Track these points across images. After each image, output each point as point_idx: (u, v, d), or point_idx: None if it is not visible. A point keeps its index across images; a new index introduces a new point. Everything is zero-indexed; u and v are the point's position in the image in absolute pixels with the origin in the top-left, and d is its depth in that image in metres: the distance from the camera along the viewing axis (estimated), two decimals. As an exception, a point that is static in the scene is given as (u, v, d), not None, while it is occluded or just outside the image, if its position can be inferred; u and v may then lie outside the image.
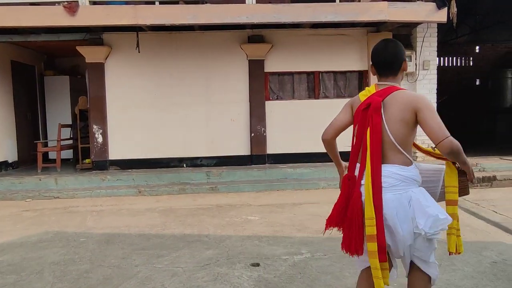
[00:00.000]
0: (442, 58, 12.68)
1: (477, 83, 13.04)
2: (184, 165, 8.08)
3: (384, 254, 2.13)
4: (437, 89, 8.20)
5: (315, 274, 3.47)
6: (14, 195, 6.87)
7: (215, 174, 7.45)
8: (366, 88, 2.38)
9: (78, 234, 4.80)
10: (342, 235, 2.25)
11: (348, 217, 2.18)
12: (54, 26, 6.99)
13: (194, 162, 8.12)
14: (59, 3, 6.77)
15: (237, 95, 8.13)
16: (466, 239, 4.28)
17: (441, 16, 7.06)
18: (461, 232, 4.22)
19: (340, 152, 2.47)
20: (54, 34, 7.76)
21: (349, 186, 2.23)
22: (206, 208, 5.91)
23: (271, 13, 6.87)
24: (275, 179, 7.43)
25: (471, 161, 8.44)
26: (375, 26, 8.02)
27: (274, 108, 8.18)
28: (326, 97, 8.30)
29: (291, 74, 8.24)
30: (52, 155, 9.17)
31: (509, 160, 7.83)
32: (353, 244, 2.16)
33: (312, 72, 8.24)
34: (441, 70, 10.57)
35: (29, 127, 9.37)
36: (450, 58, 12.95)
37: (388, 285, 2.19)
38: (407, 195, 2.12)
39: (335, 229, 2.30)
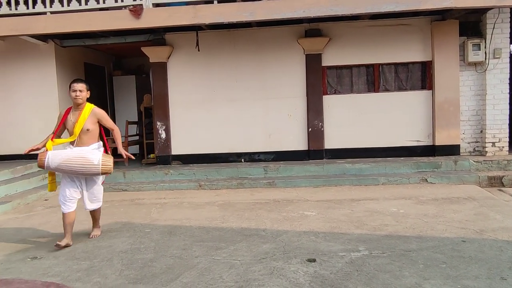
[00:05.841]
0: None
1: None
2: (243, 160, 8.24)
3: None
4: (509, 79, 7.59)
5: (372, 272, 3.41)
6: (88, 187, 7.42)
7: (272, 169, 7.52)
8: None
9: (143, 225, 5.11)
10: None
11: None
12: (121, 29, 7.41)
13: (252, 157, 8.25)
14: (125, 7, 7.17)
15: (294, 90, 8.12)
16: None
17: (515, -1, 6.52)
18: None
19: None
20: (121, 36, 8.26)
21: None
22: (264, 203, 6.00)
23: (328, 6, 6.75)
24: (333, 174, 7.34)
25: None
26: (440, 14, 7.59)
27: (332, 103, 8.07)
28: (386, 90, 8.03)
29: (349, 67, 8.06)
30: (120, 150, 9.76)
31: None
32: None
33: (372, 65, 7.99)
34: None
35: (100, 124, 10.01)
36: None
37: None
38: None
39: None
